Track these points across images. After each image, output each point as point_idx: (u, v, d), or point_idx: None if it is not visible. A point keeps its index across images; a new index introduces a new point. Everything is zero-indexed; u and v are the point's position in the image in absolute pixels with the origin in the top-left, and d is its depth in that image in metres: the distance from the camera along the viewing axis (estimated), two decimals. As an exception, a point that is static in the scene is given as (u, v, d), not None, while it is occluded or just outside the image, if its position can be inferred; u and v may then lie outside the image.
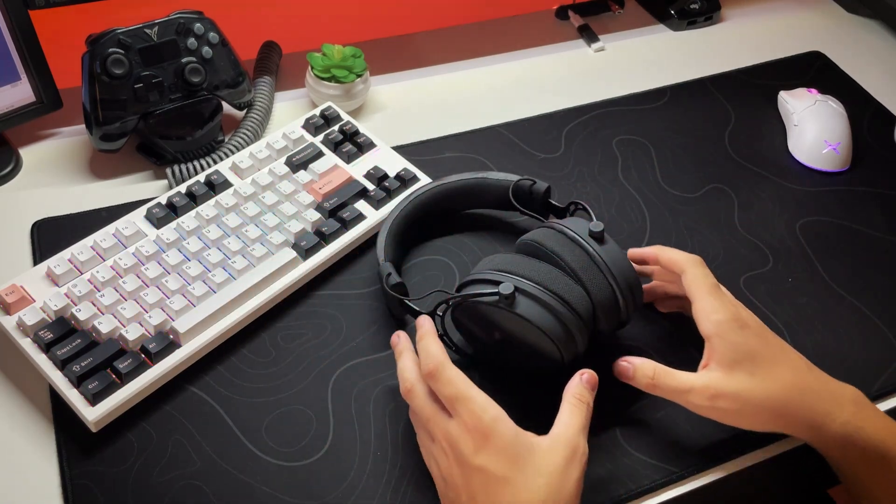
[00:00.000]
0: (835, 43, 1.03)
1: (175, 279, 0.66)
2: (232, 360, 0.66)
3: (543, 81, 0.95)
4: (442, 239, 0.75)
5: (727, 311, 0.59)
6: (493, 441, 0.52)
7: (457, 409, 0.54)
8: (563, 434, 0.54)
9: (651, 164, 0.84)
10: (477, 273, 0.61)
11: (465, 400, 0.53)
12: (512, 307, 0.57)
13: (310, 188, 0.75)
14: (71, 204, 0.76)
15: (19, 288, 0.64)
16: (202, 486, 0.58)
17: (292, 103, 0.90)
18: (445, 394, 0.54)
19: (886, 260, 0.77)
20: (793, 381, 0.58)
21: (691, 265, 0.62)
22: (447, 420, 0.54)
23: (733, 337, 0.58)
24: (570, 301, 0.58)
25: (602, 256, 0.60)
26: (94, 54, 0.74)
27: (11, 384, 0.64)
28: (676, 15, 1.04)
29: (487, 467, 0.52)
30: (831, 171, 0.85)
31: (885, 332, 0.71)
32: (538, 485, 0.52)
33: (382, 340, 0.67)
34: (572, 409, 0.55)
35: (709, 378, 0.57)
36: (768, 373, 0.58)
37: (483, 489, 0.52)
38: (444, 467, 0.55)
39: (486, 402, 0.53)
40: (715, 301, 0.59)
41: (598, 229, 0.61)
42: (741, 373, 0.57)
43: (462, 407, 0.53)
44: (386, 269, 0.66)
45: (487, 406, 0.53)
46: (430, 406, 0.56)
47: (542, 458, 0.53)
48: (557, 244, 0.61)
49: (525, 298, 0.58)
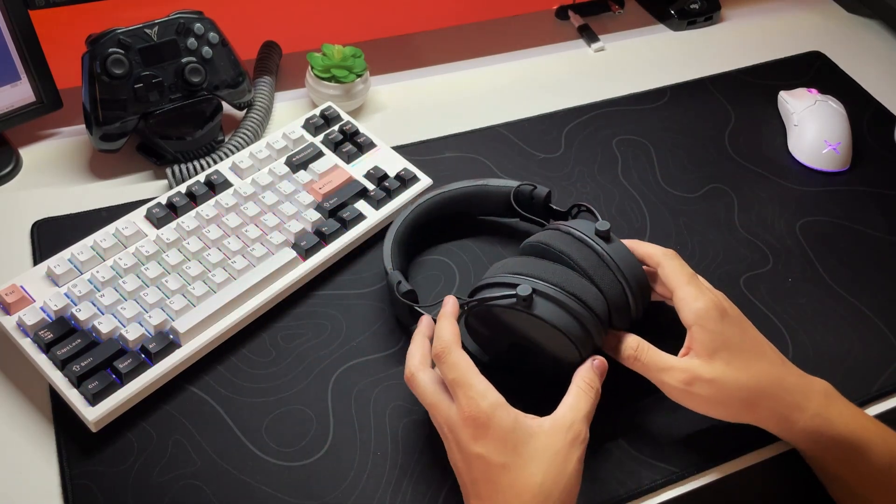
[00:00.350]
0: (835, 43, 1.03)
1: (175, 279, 0.66)
2: (232, 360, 0.66)
3: (543, 81, 0.95)
4: (445, 245, 0.75)
5: (707, 299, 0.59)
6: (492, 429, 0.52)
7: (457, 395, 0.54)
8: (567, 417, 0.54)
9: (651, 164, 0.84)
10: (491, 277, 0.60)
11: (465, 386, 0.54)
12: (530, 309, 0.57)
13: (310, 188, 0.75)
14: (71, 204, 0.76)
15: (19, 288, 0.64)
16: (202, 486, 0.58)
17: (292, 103, 0.90)
18: (448, 378, 0.55)
19: (886, 260, 0.77)
20: (768, 372, 0.59)
21: (667, 258, 0.62)
22: (449, 406, 0.55)
23: (713, 325, 0.58)
24: (586, 301, 0.58)
25: (611, 255, 0.60)
26: (94, 54, 0.74)
27: (11, 384, 0.64)
28: (676, 15, 1.04)
29: (486, 455, 0.52)
30: (831, 171, 0.85)
31: (885, 332, 0.71)
32: (538, 469, 0.52)
33: (382, 340, 0.67)
34: (579, 394, 0.56)
35: (689, 363, 0.58)
36: (745, 363, 0.58)
37: (483, 475, 0.53)
38: (448, 452, 0.56)
39: (485, 389, 0.54)
40: (695, 290, 0.60)
41: (605, 228, 0.61)
42: (719, 361, 0.58)
43: (461, 392, 0.54)
44: (395, 278, 0.65)
45: (486, 392, 0.53)
46: (433, 394, 0.56)
47: (543, 441, 0.53)
48: (565, 245, 0.61)
49: (543, 300, 0.57)
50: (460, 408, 0.54)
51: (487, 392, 0.54)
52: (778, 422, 0.59)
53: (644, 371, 0.59)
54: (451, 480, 0.59)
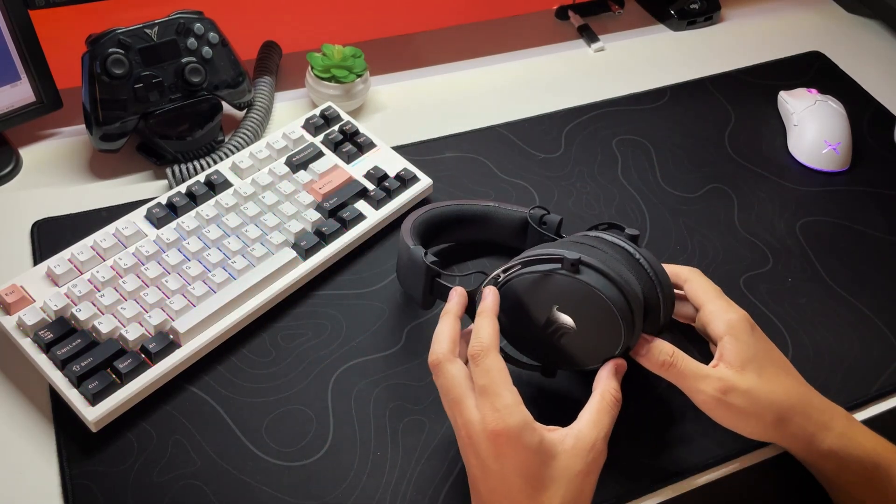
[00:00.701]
0: (835, 43, 1.03)
1: (175, 279, 0.66)
2: (232, 360, 0.66)
3: (543, 81, 0.95)
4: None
5: (738, 312, 0.59)
6: (515, 449, 0.51)
7: (484, 403, 0.51)
8: (590, 437, 0.53)
9: (651, 164, 0.84)
10: (526, 255, 0.57)
11: (494, 396, 0.51)
12: (577, 274, 0.54)
13: (310, 188, 0.75)
14: (71, 204, 0.76)
15: (19, 288, 0.64)
16: (202, 486, 0.58)
17: (292, 103, 0.90)
18: (479, 383, 0.52)
19: (886, 260, 0.77)
20: (797, 389, 0.59)
21: (694, 274, 0.63)
22: (472, 410, 0.52)
23: (746, 337, 0.58)
24: (630, 281, 0.56)
25: (646, 257, 0.59)
26: (94, 54, 0.74)
27: (11, 384, 0.64)
28: (676, 15, 1.04)
29: (505, 472, 0.51)
30: (831, 171, 0.85)
31: (885, 332, 0.71)
32: (557, 492, 0.51)
33: (382, 340, 0.67)
34: (603, 408, 0.54)
35: (724, 372, 0.57)
36: (775, 377, 0.58)
37: (500, 489, 0.51)
38: (460, 447, 0.54)
39: (514, 404, 0.51)
40: (725, 303, 0.60)
41: (635, 233, 0.60)
42: (751, 373, 0.57)
43: (489, 402, 0.51)
44: (419, 251, 0.62)
45: (515, 409, 0.51)
46: (460, 392, 0.53)
47: (564, 462, 0.52)
48: (599, 243, 0.59)
49: (590, 270, 0.54)
50: (485, 419, 0.51)
51: (516, 408, 0.51)
52: (805, 440, 0.58)
53: (678, 378, 0.58)
54: (451, 480, 0.59)
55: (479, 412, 0.52)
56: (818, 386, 0.61)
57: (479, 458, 0.52)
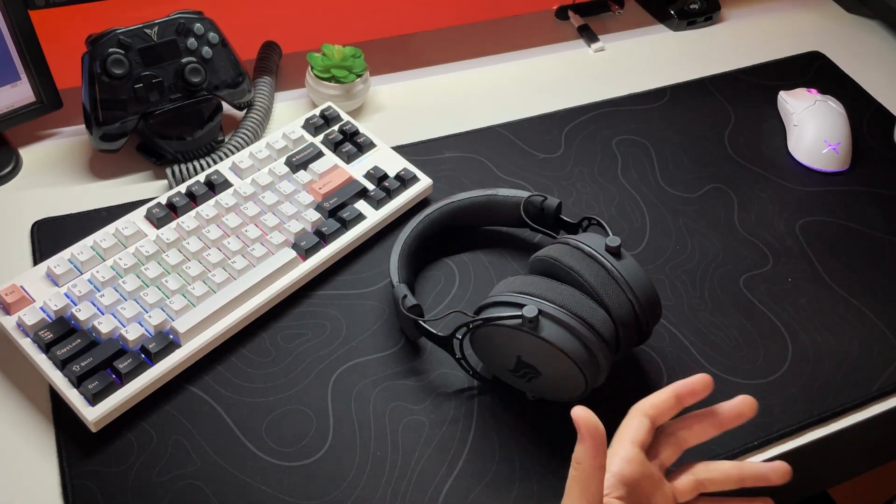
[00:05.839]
0: (835, 43, 1.03)
1: (175, 279, 0.66)
2: (232, 360, 0.66)
3: (543, 81, 0.95)
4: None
5: None
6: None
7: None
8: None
9: (651, 164, 0.84)
10: (497, 295, 0.59)
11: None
12: (536, 331, 0.56)
13: (310, 188, 0.75)
14: (71, 204, 0.76)
15: (19, 288, 0.64)
16: (202, 486, 0.58)
17: (292, 103, 0.90)
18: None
19: (886, 260, 0.77)
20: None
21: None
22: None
23: None
24: (594, 325, 0.57)
25: (620, 272, 0.59)
26: (94, 54, 0.74)
27: (11, 384, 0.64)
28: (676, 15, 1.04)
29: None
30: (831, 171, 0.85)
31: (885, 332, 0.71)
32: None
33: (382, 340, 0.67)
34: (569, 485, 0.49)
35: None
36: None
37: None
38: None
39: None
40: None
41: (615, 244, 0.60)
42: None
43: None
44: (401, 292, 0.64)
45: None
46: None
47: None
48: (574, 260, 0.60)
49: (549, 322, 0.56)
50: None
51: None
52: None
53: None
54: (451, 481, 0.59)
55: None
56: (818, 386, 0.62)
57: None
